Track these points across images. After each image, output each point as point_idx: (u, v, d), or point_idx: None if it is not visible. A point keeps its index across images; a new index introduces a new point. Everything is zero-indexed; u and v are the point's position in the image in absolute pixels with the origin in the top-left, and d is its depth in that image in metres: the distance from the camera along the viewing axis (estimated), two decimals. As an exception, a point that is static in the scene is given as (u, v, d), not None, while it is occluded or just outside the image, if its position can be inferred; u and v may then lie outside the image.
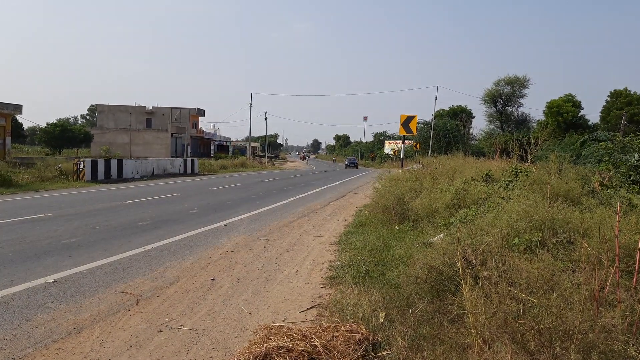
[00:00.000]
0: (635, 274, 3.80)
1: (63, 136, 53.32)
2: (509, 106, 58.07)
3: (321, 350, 3.80)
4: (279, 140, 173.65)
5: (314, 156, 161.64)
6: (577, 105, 47.62)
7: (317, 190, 22.72)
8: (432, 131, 49.58)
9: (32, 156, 42.17)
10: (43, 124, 57.27)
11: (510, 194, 8.36)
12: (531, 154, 13.75)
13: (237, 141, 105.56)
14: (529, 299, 3.76)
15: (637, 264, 3.79)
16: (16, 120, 57.20)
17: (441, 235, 7.35)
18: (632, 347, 3.19)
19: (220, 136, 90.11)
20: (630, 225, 5.16)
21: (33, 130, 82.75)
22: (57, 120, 58.44)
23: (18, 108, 38.63)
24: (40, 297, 5.66)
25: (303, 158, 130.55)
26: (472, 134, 59.11)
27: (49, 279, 6.33)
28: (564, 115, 46.39)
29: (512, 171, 10.77)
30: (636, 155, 8.85)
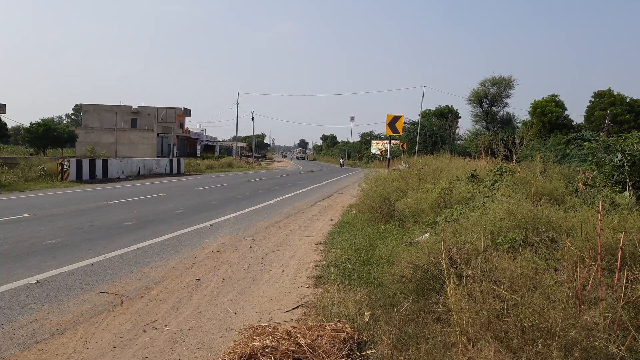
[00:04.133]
0: (617, 272, 3.84)
1: (47, 136, 52.59)
2: (495, 106, 58.46)
3: (306, 350, 3.80)
4: (266, 140, 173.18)
5: (312, 157, 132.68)
6: (561, 105, 48.07)
7: (304, 190, 22.71)
8: (418, 131, 49.72)
9: (15, 156, 41.62)
10: (27, 124, 56.49)
11: (495, 194, 8.42)
12: (516, 153, 13.87)
13: (223, 141, 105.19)
14: (512, 298, 3.79)
15: (618, 262, 3.83)
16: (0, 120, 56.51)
17: (426, 235, 7.39)
18: (613, 344, 3.23)
19: (207, 136, 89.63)
20: (612, 224, 5.22)
21: (17, 129, 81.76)
22: (41, 119, 57.58)
23: (2, 107, 38.19)
24: (23, 298, 5.60)
25: (285, 157, 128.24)
26: (458, 134, 59.37)
27: (32, 279, 6.26)
28: (549, 115, 46.83)
29: (497, 171, 10.84)
30: (619, 155, 8.94)
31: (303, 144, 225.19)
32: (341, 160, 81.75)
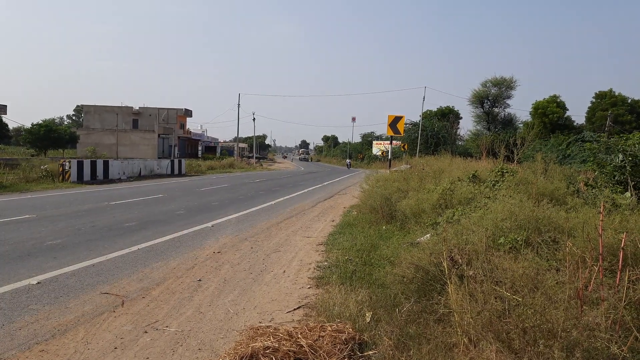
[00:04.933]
0: (618, 273, 3.83)
1: (48, 137, 52.67)
2: (496, 107, 58.37)
3: (307, 350, 3.79)
4: (267, 141, 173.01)
5: (315, 159, 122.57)
6: (562, 106, 47.99)
7: (305, 190, 22.71)
8: (419, 132, 49.69)
9: (16, 157, 41.68)
10: (28, 125, 56.58)
11: (496, 194, 8.41)
12: (517, 154, 13.85)
13: (225, 142, 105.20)
14: (514, 298, 3.78)
15: (620, 263, 3.82)
16: (1, 121, 56.57)
17: (428, 235, 7.38)
18: (615, 345, 3.22)
19: (208, 137, 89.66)
20: (613, 224, 5.21)
21: (18, 130, 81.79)
22: (42, 120, 57.68)
23: (3, 108, 38.24)
24: (23, 298, 5.60)
25: (285, 157, 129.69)
26: (459, 135, 59.24)
27: (33, 280, 6.26)
28: (550, 116, 46.76)
29: (498, 171, 10.84)
30: (620, 155, 8.92)
31: (304, 144, 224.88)
32: (347, 160, 73.62)
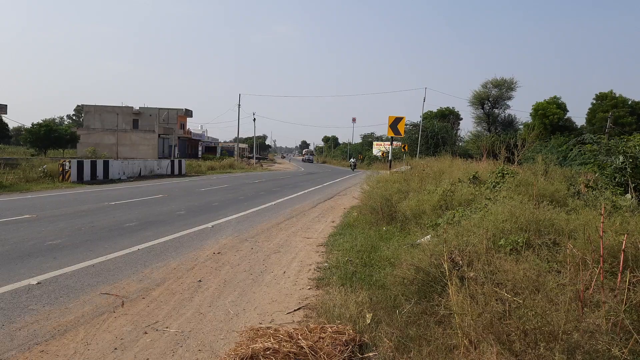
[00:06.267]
0: (619, 275, 3.83)
1: (49, 137, 52.72)
2: (496, 108, 58.39)
3: (307, 352, 3.79)
4: (268, 142, 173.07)
5: (321, 160, 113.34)
6: (563, 107, 47.98)
7: (306, 191, 22.70)
8: (420, 133, 49.71)
9: (16, 157, 41.67)
10: (28, 124, 56.68)
11: (496, 196, 8.41)
12: (518, 155, 13.85)
13: (225, 142, 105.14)
14: (515, 300, 3.78)
15: (620, 265, 3.82)
16: (1, 120, 56.56)
17: (428, 237, 7.37)
18: (616, 347, 3.22)
19: (208, 137, 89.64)
20: (614, 226, 5.21)
21: (18, 130, 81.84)
22: (42, 120, 57.74)
23: (3, 108, 38.23)
24: (23, 299, 5.59)
25: (283, 157, 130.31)
26: (459, 136, 59.27)
27: (33, 280, 6.25)
28: (550, 117, 46.77)
29: (498, 173, 10.84)
30: (621, 157, 8.92)
31: (305, 145, 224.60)
32: (352, 160, 64.90)
